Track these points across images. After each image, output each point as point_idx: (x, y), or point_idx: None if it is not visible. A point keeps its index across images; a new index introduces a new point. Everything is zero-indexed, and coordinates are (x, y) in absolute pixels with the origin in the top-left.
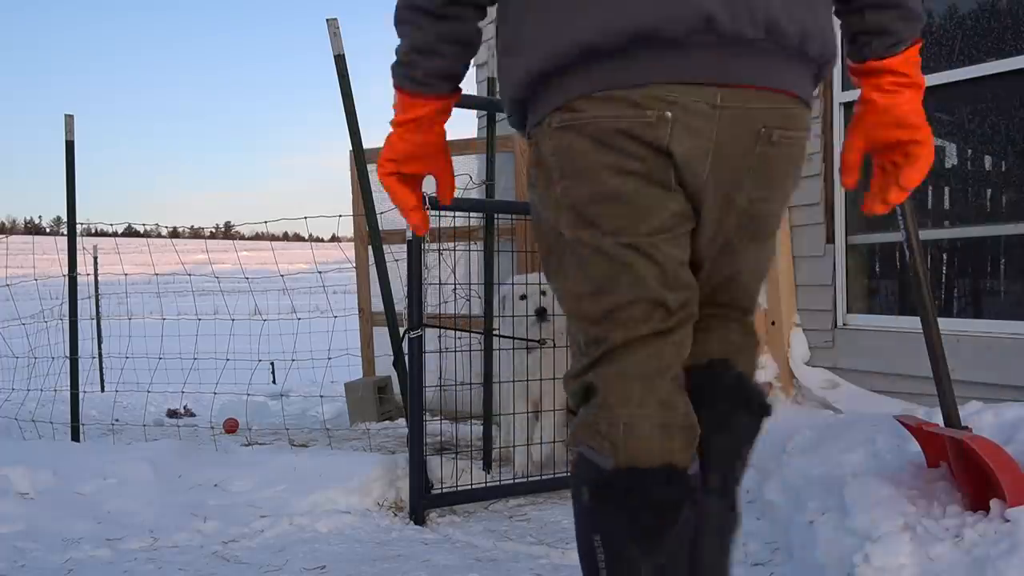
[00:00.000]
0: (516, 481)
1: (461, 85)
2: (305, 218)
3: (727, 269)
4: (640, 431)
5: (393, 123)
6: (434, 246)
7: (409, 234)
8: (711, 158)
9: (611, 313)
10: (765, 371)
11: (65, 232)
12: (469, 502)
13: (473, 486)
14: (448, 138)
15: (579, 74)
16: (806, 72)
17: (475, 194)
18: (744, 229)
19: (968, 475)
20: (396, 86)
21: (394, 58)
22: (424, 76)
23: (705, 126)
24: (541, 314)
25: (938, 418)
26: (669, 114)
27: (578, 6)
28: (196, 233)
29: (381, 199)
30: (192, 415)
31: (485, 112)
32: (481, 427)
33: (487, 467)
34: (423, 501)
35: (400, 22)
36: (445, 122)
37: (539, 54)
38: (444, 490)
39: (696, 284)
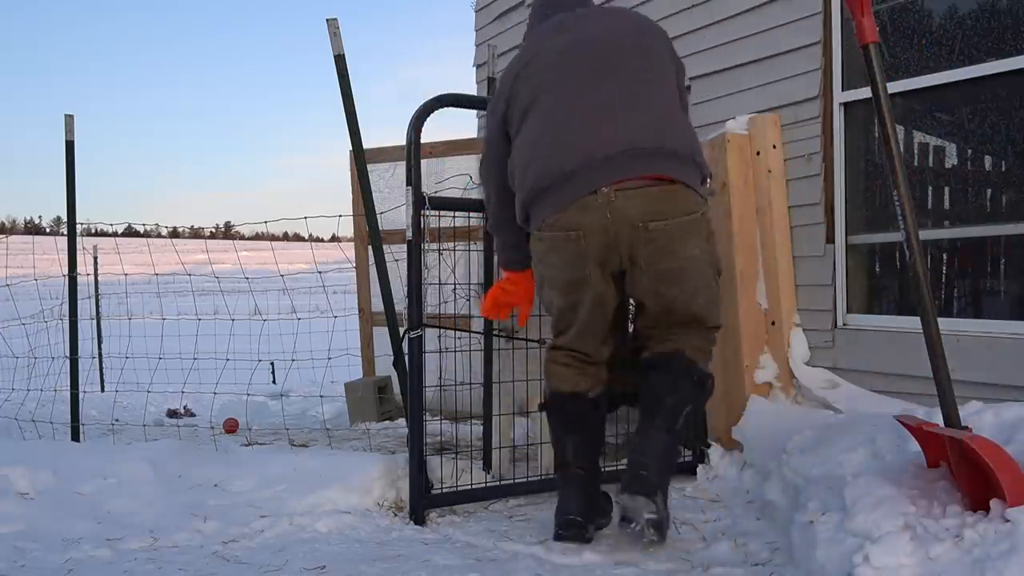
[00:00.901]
0: (516, 481)
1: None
2: (305, 218)
3: (666, 318)
4: (564, 377)
5: (503, 275)
6: (434, 246)
7: (409, 234)
8: (611, 249)
9: (555, 325)
10: (765, 371)
11: (65, 232)
12: (469, 502)
13: (473, 486)
14: (448, 138)
15: (535, 207)
16: (669, 160)
17: (475, 194)
18: (661, 279)
19: (968, 475)
20: (503, 269)
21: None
22: (518, 264)
23: (599, 230)
24: None
25: (938, 418)
26: (577, 230)
27: (525, 173)
28: (196, 233)
29: (381, 199)
30: (192, 415)
31: (485, 112)
32: (481, 427)
33: (487, 467)
34: (423, 501)
35: (493, 230)
36: (531, 282)
37: (521, 199)
38: (444, 490)
39: (588, 320)
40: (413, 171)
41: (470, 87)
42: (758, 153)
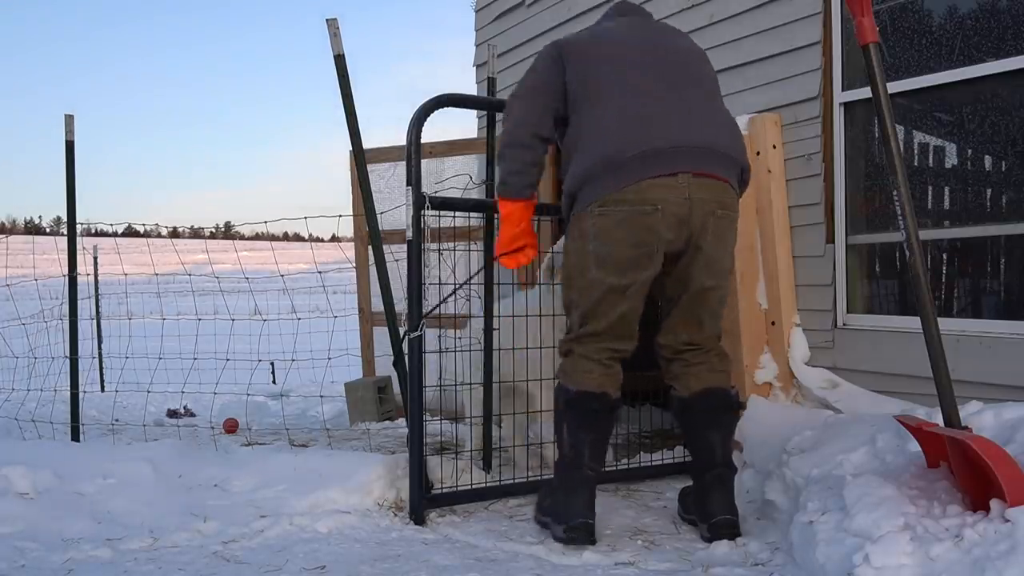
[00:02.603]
0: (516, 481)
1: (537, 191)
2: (305, 218)
3: (698, 291)
4: (591, 375)
5: (500, 220)
6: (433, 246)
7: (409, 234)
8: (685, 225)
9: (586, 315)
10: (765, 371)
11: (65, 232)
12: (469, 502)
13: (473, 486)
14: (449, 139)
15: (603, 179)
16: (733, 167)
17: (475, 194)
18: (708, 266)
19: (968, 475)
20: (499, 196)
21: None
22: (516, 189)
23: (680, 207)
24: None
25: (938, 418)
26: (658, 206)
27: (602, 142)
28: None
29: (381, 199)
30: (192, 415)
31: (485, 112)
32: (481, 427)
33: (487, 467)
34: (423, 501)
35: (501, 157)
36: (530, 217)
37: (582, 168)
38: (444, 490)
39: (630, 307)
40: (413, 171)
41: (470, 87)
42: (758, 153)
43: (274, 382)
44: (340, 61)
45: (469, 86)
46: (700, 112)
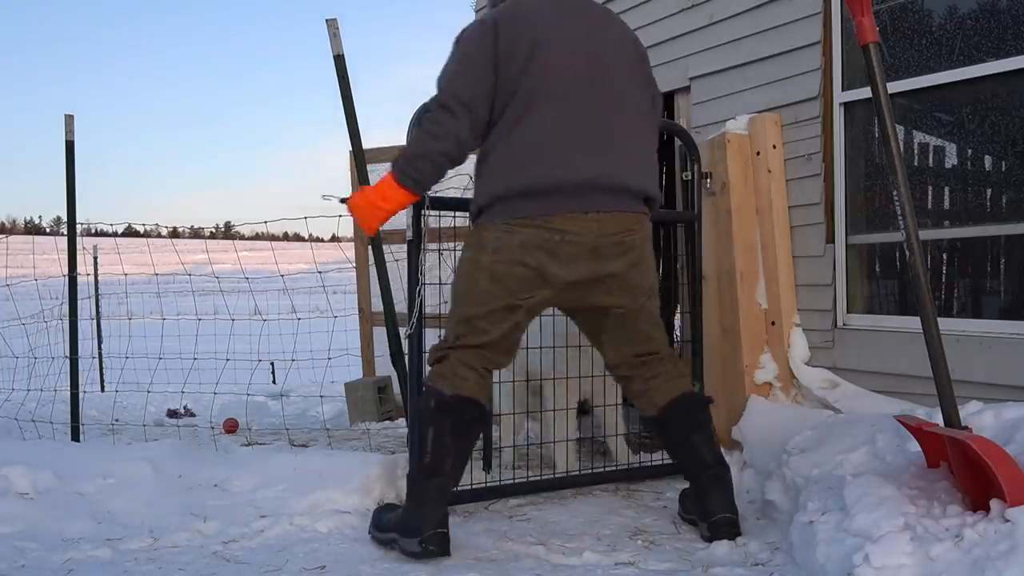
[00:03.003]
0: (516, 481)
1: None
2: (305, 218)
3: (622, 314)
4: (468, 382)
5: (383, 198)
6: (433, 246)
7: (409, 234)
8: (589, 256)
9: (471, 325)
10: (765, 371)
11: (65, 232)
12: (470, 502)
13: (473, 486)
14: None
15: (516, 203)
16: (644, 200)
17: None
18: (624, 288)
19: (968, 475)
20: (406, 178)
21: (402, 161)
22: (417, 184)
23: (587, 239)
24: None
25: (938, 418)
26: (568, 237)
27: (523, 166)
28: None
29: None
30: (192, 415)
31: None
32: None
33: (487, 467)
34: None
35: (433, 139)
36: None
37: (498, 187)
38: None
39: (515, 330)
40: None
41: None
42: (758, 153)
43: (274, 382)
44: (340, 61)
45: None
46: (623, 144)
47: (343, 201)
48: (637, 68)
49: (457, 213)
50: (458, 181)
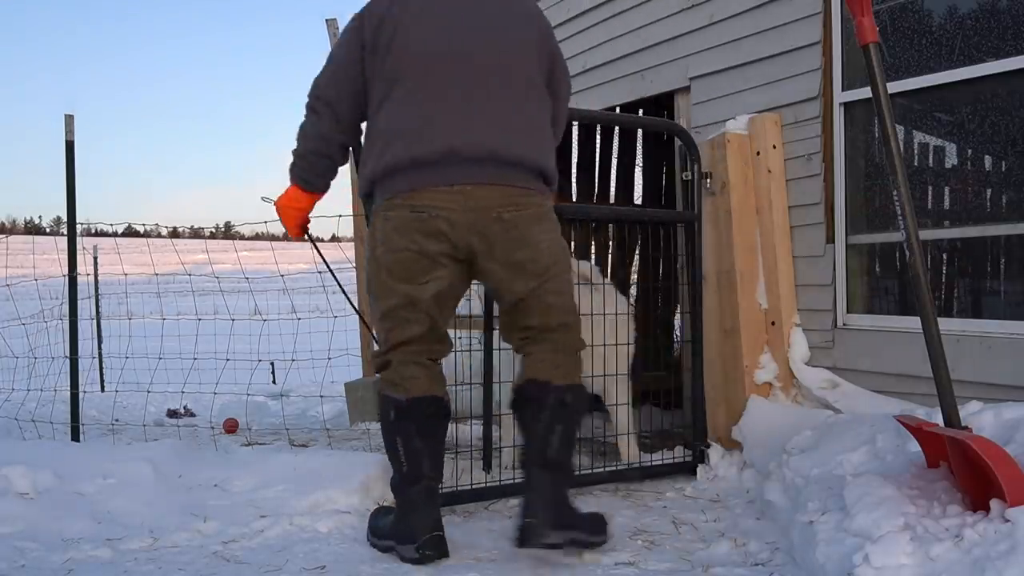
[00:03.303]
0: (517, 481)
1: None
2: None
3: (517, 299)
4: (418, 380)
5: (290, 199)
6: None
7: None
8: (466, 232)
9: (392, 319)
10: (765, 371)
11: (65, 232)
12: (471, 501)
13: (473, 486)
14: None
15: (385, 183)
16: (525, 172)
17: None
18: (513, 270)
19: (968, 475)
20: (291, 181)
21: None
22: (307, 183)
23: (457, 215)
24: None
25: (938, 418)
26: (434, 212)
27: (387, 144)
28: (196, 233)
29: None
30: (192, 415)
31: None
32: (481, 427)
33: (487, 467)
34: None
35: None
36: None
37: (368, 171)
38: (444, 490)
39: (436, 314)
40: None
41: None
42: (758, 153)
43: (274, 382)
44: None
45: None
46: (496, 115)
47: (275, 203)
48: (527, 41)
49: None
50: None
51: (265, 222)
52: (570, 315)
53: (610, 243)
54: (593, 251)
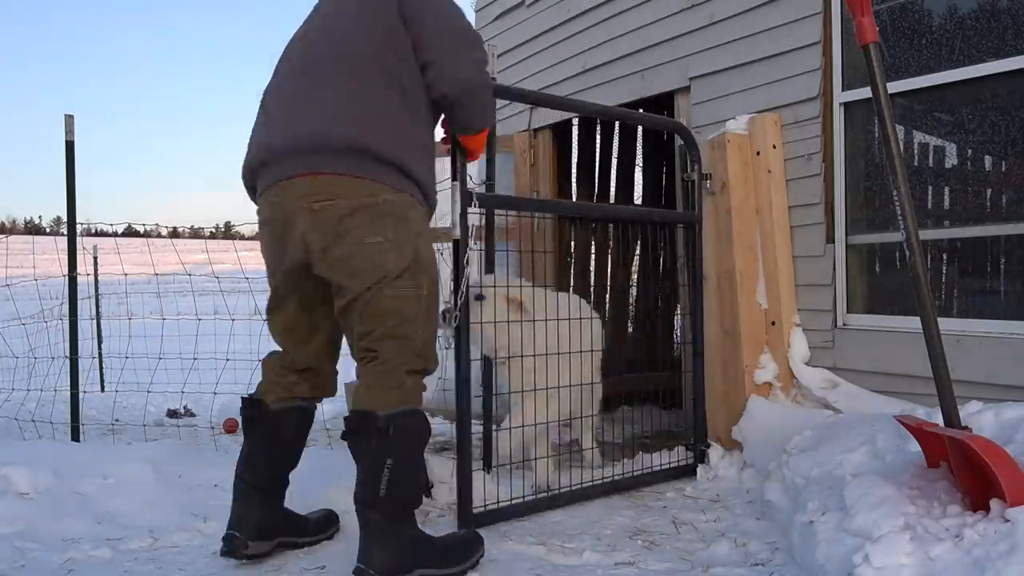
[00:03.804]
0: (562, 491)
1: None
2: None
3: (345, 303)
4: (261, 383)
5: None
6: (435, 246)
7: (456, 232)
8: (286, 228)
9: (270, 323)
10: (765, 371)
11: (65, 232)
12: (516, 517)
13: (513, 501)
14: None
15: (249, 193)
16: (347, 157)
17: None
18: (335, 271)
19: (968, 475)
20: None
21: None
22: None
23: (273, 211)
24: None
25: (938, 418)
26: (265, 219)
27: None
28: (196, 233)
29: None
30: (192, 415)
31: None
32: (481, 428)
33: (487, 467)
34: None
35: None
36: None
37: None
38: (488, 507)
39: (287, 344)
40: (459, 165)
41: None
42: (758, 153)
43: None
44: None
45: None
46: (319, 99)
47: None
48: (362, 15)
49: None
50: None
51: None
52: (403, 327)
53: (610, 243)
54: (593, 250)
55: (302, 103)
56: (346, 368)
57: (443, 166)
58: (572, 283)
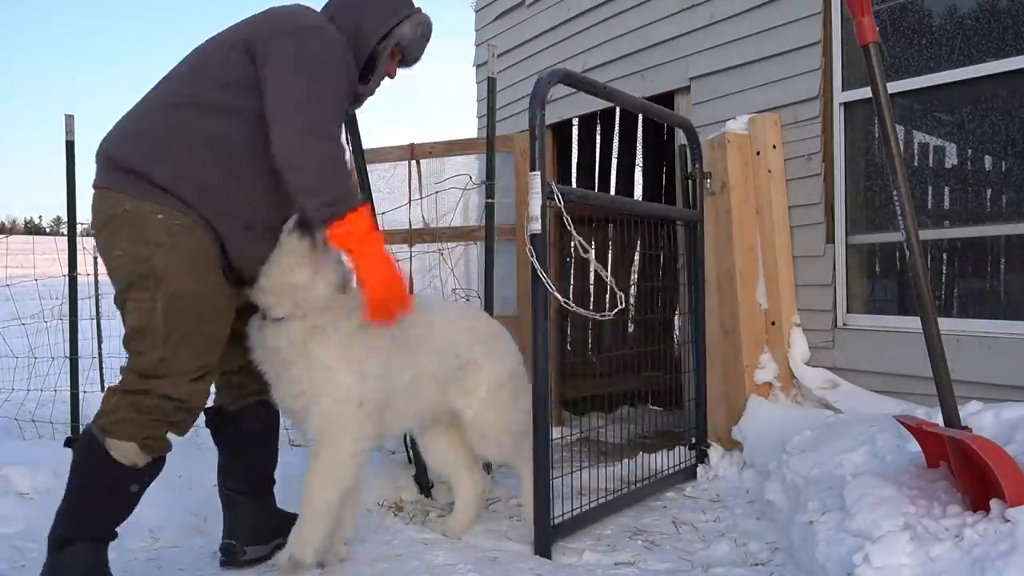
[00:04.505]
0: (632, 489)
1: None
2: None
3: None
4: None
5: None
6: (435, 246)
7: (536, 226)
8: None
9: None
10: (765, 371)
11: (65, 232)
12: (592, 523)
13: (583, 508)
14: (449, 138)
15: None
16: (109, 170)
17: (475, 194)
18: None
19: (968, 475)
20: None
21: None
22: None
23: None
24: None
25: (938, 418)
26: None
27: None
28: None
29: (381, 199)
30: None
31: (485, 113)
32: None
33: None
34: (550, 532)
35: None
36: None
37: None
38: (566, 517)
39: None
40: (539, 154)
41: (470, 87)
42: (758, 153)
43: None
44: None
45: (469, 86)
46: (131, 116)
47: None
48: (217, 48)
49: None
50: (458, 181)
51: None
52: (133, 342)
53: (610, 243)
54: (593, 250)
55: (129, 117)
56: None
57: (441, 166)
58: (572, 283)
